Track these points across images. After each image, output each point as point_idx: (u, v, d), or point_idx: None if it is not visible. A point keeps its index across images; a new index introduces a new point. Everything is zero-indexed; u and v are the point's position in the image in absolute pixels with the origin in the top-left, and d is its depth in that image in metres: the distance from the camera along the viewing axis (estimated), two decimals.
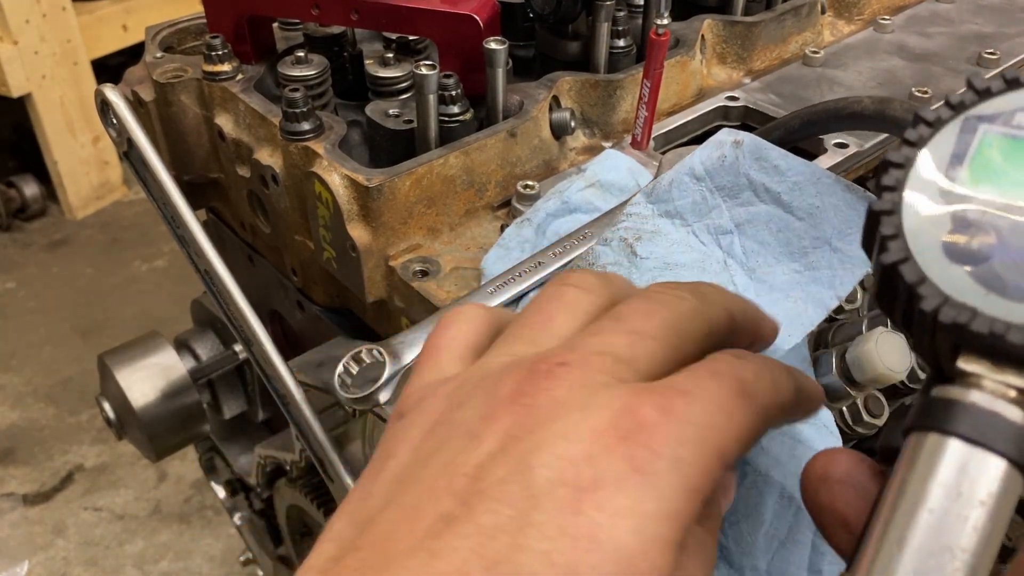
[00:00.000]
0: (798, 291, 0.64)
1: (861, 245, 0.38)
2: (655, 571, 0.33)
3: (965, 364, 0.33)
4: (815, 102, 1.03)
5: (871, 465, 0.39)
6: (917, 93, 1.02)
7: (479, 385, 0.41)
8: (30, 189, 3.28)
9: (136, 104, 1.02)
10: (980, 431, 0.32)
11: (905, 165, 0.36)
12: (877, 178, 0.37)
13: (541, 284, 0.74)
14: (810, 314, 0.63)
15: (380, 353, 0.68)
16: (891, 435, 0.36)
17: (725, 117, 1.05)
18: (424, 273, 0.81)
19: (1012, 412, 0.32)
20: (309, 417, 0.77)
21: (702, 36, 1.07)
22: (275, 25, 1.08)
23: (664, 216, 0.71)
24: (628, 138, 0.94)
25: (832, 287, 0.63)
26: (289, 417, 0.80)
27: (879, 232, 0.35)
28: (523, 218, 0.81)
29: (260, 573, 1.54)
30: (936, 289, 0.33)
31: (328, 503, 0.99)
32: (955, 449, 0.32)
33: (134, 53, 3.24)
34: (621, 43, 1.01)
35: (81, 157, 3.25)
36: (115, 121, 0.76)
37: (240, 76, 0.97)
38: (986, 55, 1.11)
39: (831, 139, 0.91)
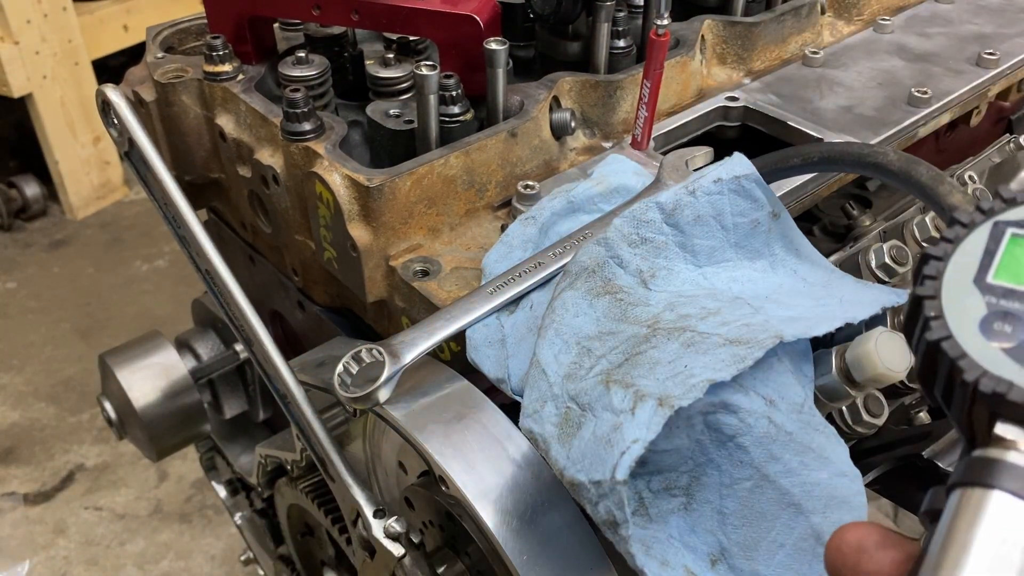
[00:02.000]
0: (807, 311, 0.66)
1: (903, 330, 0.43)
2: None
3: (1002, 431, 0.38)
4: (816, 104, 1.04)
5: (894, 530, 0.43)
6: (917, 93, 1.02)
7: None
8: (31, 189, 3.28)
9: (137, 104, 1.02)
10: (1020, 484, 0.36)
11: (944, 258, 0.42)
12: (918, 268, 0.43)
13: (541, 284, 0.75)
14: (821, 323, 0.63)
15: (380, 353, 0.68)
16: (935, 498, 0.40)
17: (725, 117, 1.05)
18: (425, 273, 0.82)
19: None
20: (310, 417, 0.77)
21: (702, 36, 1.08)
22: (276, 25, 1.08)
23: (678, 247, 0.72)
24: (628, 138, 0.94)
25: (843, 313, 0.65)
26: (290, 416, 0.80)
27: (922, 313, 0.41)
28: (527, 216, 0.81)
29: (261, 572, 1.54)
30: (975, 363, 0.38)
31: (329, 503, 0.99)
32: (998, 500, 0.36)
33: (135, 53, 3.24)
34: (621, 43, 1.01)
35: (82, 157, 3.25)
36: (116, 121, 0.76)
37: (241, 76, 0.97)
38: (985, 55, 1.11)
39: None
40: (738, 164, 0.73)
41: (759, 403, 0.60)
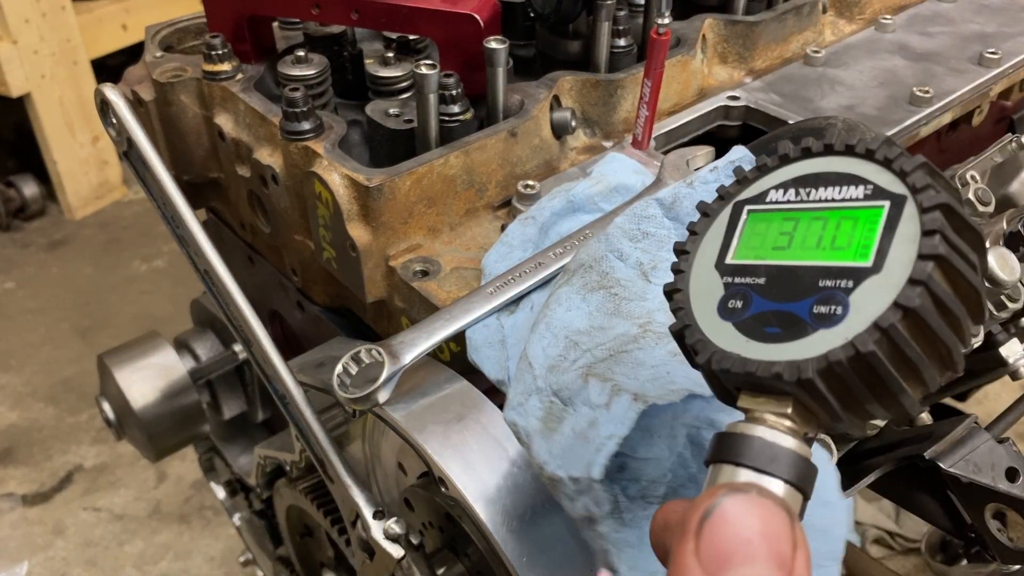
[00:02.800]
0: None
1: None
2: None
3: (744, 403, 0.40)
4: (817, 104, 1.04)
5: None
6: (918, 92, 1.02)
7: None
8: (29, 189, 3.28)
9: (136, 104, 1.01)
10: (759, 460, 0.38)
11: (690, 250, 0.46)
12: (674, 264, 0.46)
13: (541, 285, 0.74)
14: None
15: (380, 353, 0.67)
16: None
17: (726, 117, 1.05)
18: (424, 273, 0.81)
19: (785, 440, 0.38)
20: (309, 417, 0.77)
21: (703, 35, 1.07)
22: (275, 24, 1.08)
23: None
24: (629, 138, 0.94)
25: None
26: (289, 417, 0.79)
27: (671, 307, 0.44)
28: (527, 216, 0.80)
29: (260, 573, 1.54)
30: (708, 343, 0.41)
31: (328, 504, 0.99)
32: (745, 477, 0.38)
33: (134, 53, 3.24)
34: (622, 42, 1.00)
35: (80, 157, 3.25)
36: (115, 121, 0.75)
37: (240, 76, 0.97)
38: (987, 55, 1.10)
39: None
40: (734, 153, 0.73)
41: None
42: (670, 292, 0.45)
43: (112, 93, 0.75)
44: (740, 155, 0.73)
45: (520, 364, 0.65)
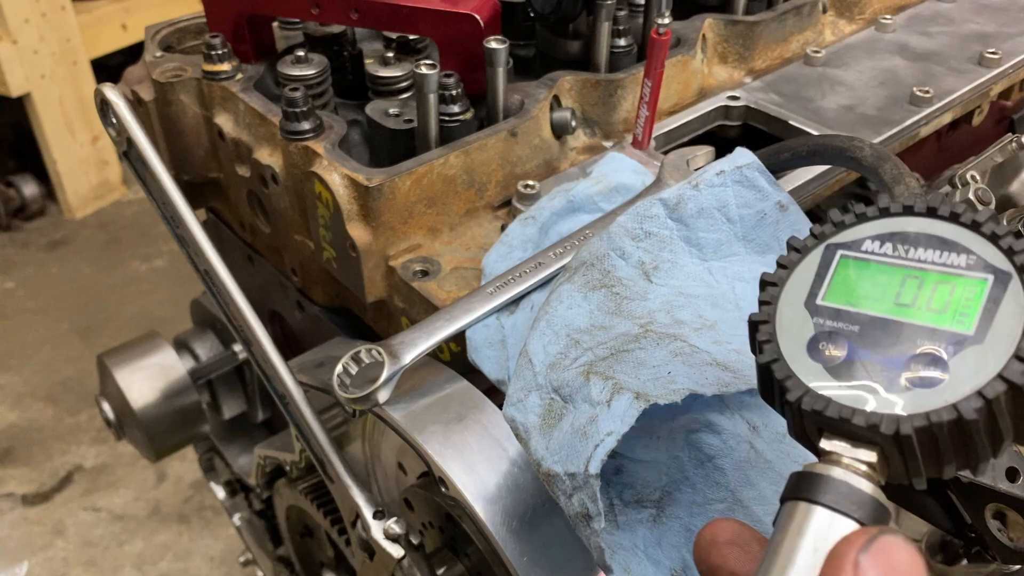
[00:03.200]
0: None
1: (751, 350, 0.46)
2: None
3: (825, 444, 0.41)
4: (817, 104, 1.04)
5: (751, 528, 0.46)
6: (919, 92, 1.02)
7: None
8: (29, 189, 3.28)
9: (136, 103, 1.01)
10: (837, 500, 0.39)
11: (779, 284, 0.46)
12: (760, 295, 0.46)
13: (541, 285, 0.74)
14: None
15: (379, 353, 0.67)
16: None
17: (726, 116, 1.05)
18: (424, 273, 0.81)
19: (863, 484, 0.39)
20: (309, 417, 0.77)
21: (703, 35, 1.07)
22: (275, 24, 1.08)
23: (683, 241, 0.71)
24: (629, 137, 0.94)
25: None
26: (289, 417, 0.79)
27: (756, 338, 0.44)
28: (527, 216, 0.80)
29: (260, 573, 1.54)
30: (799, 382, 0.42)
31: (328, 504, 0.99)
32: (819, 514, 0.39)
33: (133, 53, 3.24)
34: (622, 42, 1.00)
35: (80, 157, 3.25)
36: (115, 120, 0.75)
37: (240, 75, 0.97)
38: (987, 55, 1.10)
39: None
40: (740, 156, 0.73)
41: (743, 427, 0.59)
42: (757, 323, 0.45)
43: (112, 93, 0.75)
44: (744, 159, 0.72)
45: (520, 361, 0.65)
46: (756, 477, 0.59)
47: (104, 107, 0.76)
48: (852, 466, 0.40)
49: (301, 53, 0.94)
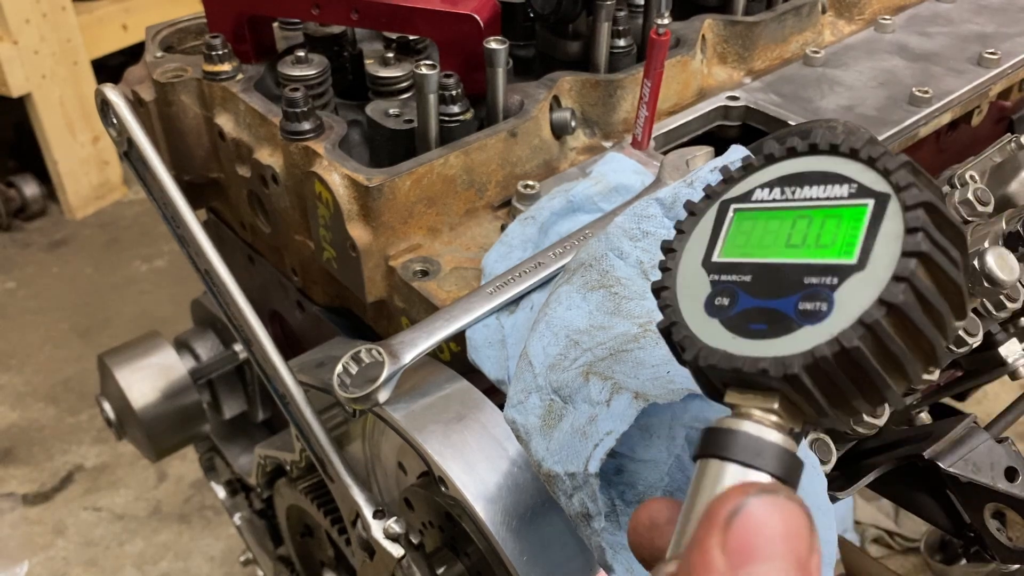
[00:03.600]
0: None
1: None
2: None
3: (730, 399, 0.41)
4: (817, 104, 1.04)
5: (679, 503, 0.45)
6: (918, 93, 1.02)
7: None
8: (30, 189, 3.28)
9: (136, 104, 1.02)
10: (745, 453, 0.39)
11: (677, 248, 0.46)
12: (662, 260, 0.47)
13: (541, 285, 0.74)
14: None
15: (380, 353, 0.67)
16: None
17: (726, 117, 1.05)
18: (424, 273, 0.81)
19: (771, 435, 0.39)
20: (309, 417, 0.77)
21: (703, 36, 1.07)
22: (275, 25, 1.08)
23: None
24: (628, 138, 0.94)
25: None
26: (289, 417, 0.80)
27: (659, 304, 0.45)
28: (527, 216, 0.80)
29: (260, 573, 1.54)
30: (695, 340, 0.42)
31: (328, 503, 0.99)
32: (730, 471, 0.39)
33: (134, 53, 3.24)
34: (621, 43, 1.00)
35: (81, 157, 3.25)
36: (115, 121, 0.76)
37: (240, 76, 0.97)
38: (987, 55, 1.11)
39: None
40: (734, 153, 0.73)
41: None
42: (658, 289, 0.45)
43: (112, 93, 0.75)
44: (739, 155, 0.73)
45: (520, 363, 0.65)
46: None
47: (105, 107, 0.76)
48: (760, 417, 0.39)
49: (301, 53, 0.94)
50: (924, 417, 0.85)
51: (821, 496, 0.59)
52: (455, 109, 0.88)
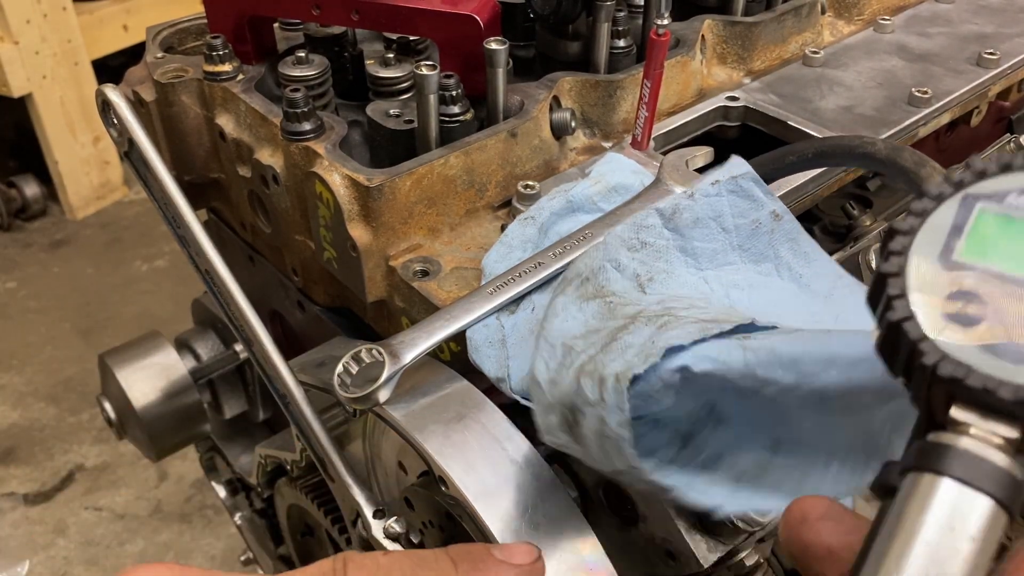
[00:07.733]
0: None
1: (867, 301, 0.41)
2: None
3: (957, 414, 0.37)
4: (816, 104, 1.04)
5: (840, 504, 0.45)
6: (917, 93, 1.02)
7: None
8: (31, 189, 3.28)
9: (137, 104, 1.02)
10: (970, 473, 0.36)
11: (910, 233, 0.41)
12: (884, 243, 0.41)
13: (541, 285, 0.75)
14: None
15: (380, 353, 0.68)
16: (888, 474, 0.39)
17: (725, 117, 1.05)
18: (424, 273, 0.82)
19: (998, 457, 0.36)
20: (309, 417, 0.77)
21: (702, 36, 1.07)
22: (276, 25, 1.08)
23: (679, 251, 0.72)
24: (628, 138, 0.94)
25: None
26: (289, 417, 0.80)
27: (886, 292, 0.39)
28: (526, 216, 0.81)
29: (261, 573, 1.54)
30: (935, 346, 0.37)
31: (328, 503, 0.99)
32: (948, 488, 0.36)
33: (135, 53, 3.24)
34: (621, 43, 1.01)
35: (82, 157, 3.25)
36: (116, 121, 0.76)
37: (241, 76, 0.97)
38: (986, 55, 1.11)
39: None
40: (735, 165, 0.73)
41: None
42: (886, 275, 0.40)
43: (113, 94, 0.75)
44: (739, 169, 0.73)
45: (531, 386, 0.65)
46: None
47: (105, 108, 0.76)
48: (985, 438, 0.36)
49: (302, 54, 0.94)
50: None
51: None
52: (455, 109, 0.88)
